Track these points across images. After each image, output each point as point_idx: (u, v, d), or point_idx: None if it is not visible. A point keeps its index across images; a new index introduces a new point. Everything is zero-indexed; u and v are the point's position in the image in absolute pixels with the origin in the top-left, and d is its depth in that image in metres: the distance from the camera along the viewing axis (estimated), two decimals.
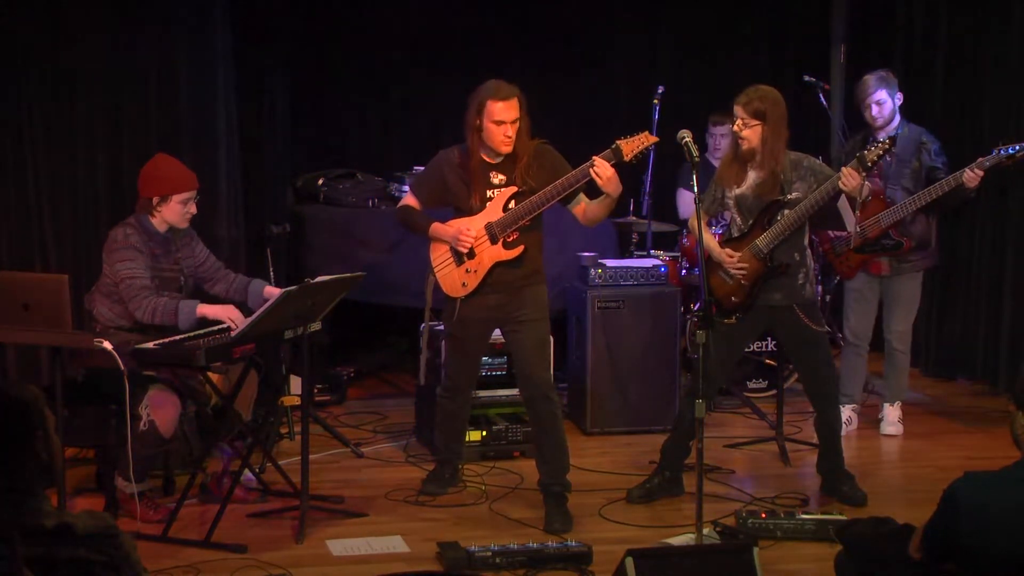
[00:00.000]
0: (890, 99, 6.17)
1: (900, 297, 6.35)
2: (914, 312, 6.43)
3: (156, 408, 5.00)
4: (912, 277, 6.34)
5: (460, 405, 5.50)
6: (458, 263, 5.14)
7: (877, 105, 6.16)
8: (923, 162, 6.14)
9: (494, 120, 4.97)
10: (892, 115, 6.19)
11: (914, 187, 6.11)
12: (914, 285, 6.37)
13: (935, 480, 5.30)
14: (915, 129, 6.21)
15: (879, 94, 6.15)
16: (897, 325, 6.38)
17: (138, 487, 5.05)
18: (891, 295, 6.37)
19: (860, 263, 6.32)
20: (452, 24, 8.26)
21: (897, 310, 6.37)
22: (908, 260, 6.26)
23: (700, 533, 4.54)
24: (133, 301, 5.11)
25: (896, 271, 6.29)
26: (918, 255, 6.28)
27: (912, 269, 6.31)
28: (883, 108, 6.17)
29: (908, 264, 6.28)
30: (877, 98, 6.16)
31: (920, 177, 6.14)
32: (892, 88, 6.18)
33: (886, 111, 6.17)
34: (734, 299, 5.35)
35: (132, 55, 6.49)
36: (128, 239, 5.21)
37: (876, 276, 6.34)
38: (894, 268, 6.28)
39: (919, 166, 6.14)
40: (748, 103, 5.18)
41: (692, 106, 7.73)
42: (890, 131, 6.13)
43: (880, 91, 6.15)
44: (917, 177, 6.14)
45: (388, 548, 4.86)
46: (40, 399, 2.87)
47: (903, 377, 6.51)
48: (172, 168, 5.34)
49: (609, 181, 4.87)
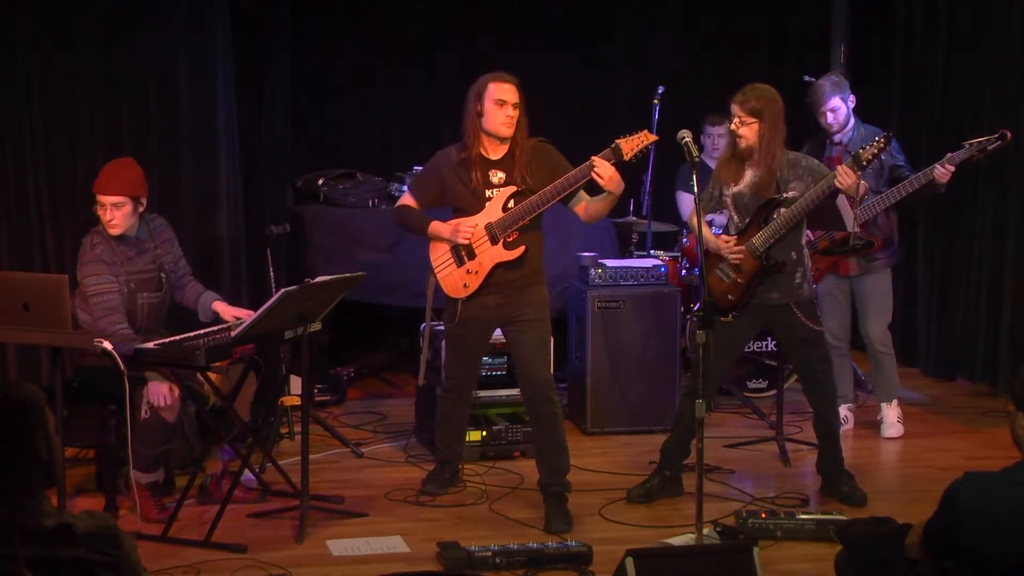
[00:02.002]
0: (844, 104, 6.24)
1: (872, 297, 6.35)
2: (888, 311, 6.43)
3: (156, 396, 5.01)
4: (882, 276, 6.36)
5: (460, 405, 5.50)
6: (459, 264, 5.14)
7: (832, 112, 6.23)
8: (883, 161, 6.14)
9: (496, 99, 4.97)
10: (847, 119, 6.26)
11: (876, 186, 6.13)
12: (884, 283, 6.38)
13: (935, 480, 5.31)
14: (871, 129, 6.23)
15: (833, 101, 6.22)
16: (873, 327, 6.38)
17: (150, 477, 5.08)
18: (862, 296, 6.37)
19: (829, 265, 6.34)
20: (452, 24, 8.27)
21: (871, 311, 6.37)
22: (875, 258, 6.29)
23: (700, 533, 4.54)
24: (100, 322, 5.14)
25: (865, 270, 6.30)
26: (884, 253, 6.32)
27: (880, 268, 6.33)
28: (838, 114, 6.23)
29: (876, 262, 6.30)
30: (832, 105, 6.22)
31: (882, 175, 6.17)
32: (845, 93, 6.25)
33: (840, 116, 6.24)
34: (730, 297, 5.35)
35: (132, 55, 6.49)
36: (94, 250, 5.23)
37: (845, 277, 6.36)
38: (863, 267, 6.30)
39: (880, 165, 6.15)
40: (745, 101, 5.18)
41: (692, 106, 7.73)
42: (846, 134, 6.23)
43: (834, 98, 6.22)
44: (879, 175, 6.17)
45: (388, 548, 4.86)
46: (40, 399, 2.86)
47: (892, 376, 6.49)
48: (105, 170, 5.31)
49: (611, 180, 4.87)
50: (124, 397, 4.88)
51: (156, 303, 5.37)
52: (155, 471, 5.17)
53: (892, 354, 6.48)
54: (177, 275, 5.48)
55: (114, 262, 5.23)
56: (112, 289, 5.18)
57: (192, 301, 5.48)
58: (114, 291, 5.18)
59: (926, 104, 7.77)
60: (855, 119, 6.28)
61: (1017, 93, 7.03)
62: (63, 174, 6.38)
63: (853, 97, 6.28)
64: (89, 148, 6.41)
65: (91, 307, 5.17)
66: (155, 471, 5.17)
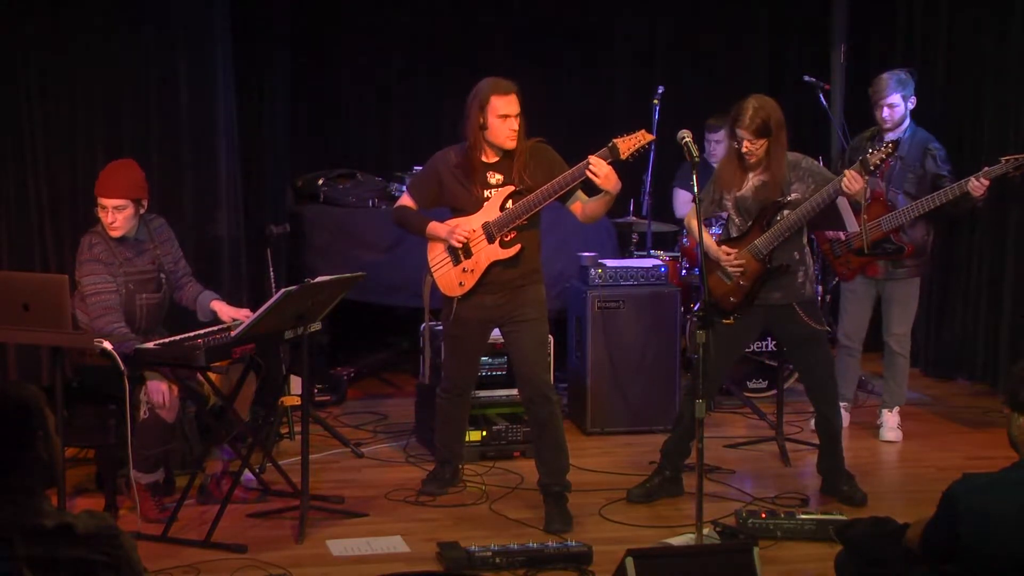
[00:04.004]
0: (903, 103, 6.16)
1: (898, 300, 6.33)
2: (912, 315, 6.41)
3: (155, 395, 5.01)
4: (909, 282, 6.32)
5: (460, 406, 5.50)
6: (455, 262, 5.14)
7: (889, 108, 6.15)
8: (928, 168, 6.12)
9: (499, 115, 4.97)
10: (903, 119, 6.18)
11: (917, 192, 6.10)
12: (912, 289, 6.35)
13: (935, 480, 5.32)
14: (923, 134, 6.20)
15: (893, 97, 6.14)
16: (896, 328, 6.37)
17: (150, 477, 5.08)
18: (888, 298, 6.35)
19: (860, 266, 6.31)
20: (451, 24, 8.27)
21: (895, 313, 6.35)
22: (904, 265, 6.25)
23: (700, 533, 4.54)
24: (96, 321, 5.14)
25: (891, 275, 6.28)
26: (915, 261, 6.27)
27: (908, 275, 6.29)
28: (894, 111, 6.16)
29: (904, 269, 6.26)
30: (890, 101, 6.14)
31: (924, 183, 6.13)
32: (907, 91, 6.17)
33: (897, 114, 6.17)
34: (732, 299, 5.34)
35: (132, 55, 6.49)
36: (92, 249, 5.24)
37: (872, 279, 6.33)
38: (889, 272, 6.27)
39: (924, 172, 6.13)
40: (751, 124, 5.12)
41: (692, 106, 7.72)
42: (899, 134, 6.13)
43: (895, 94, 6.14)
44: (921, 183, 6.13)
45: (388, 548, 4.86)
46: (40, 399, 2.86)
47: (903, 382, 6.47)
48: (105, 172, 5.32)
49: (607, 179, 4.86)
50: (124, 397, 4.88)
51: (155, 304, 5.37)
52: (155, 471, 5.17)
53: (907, 359, 6.45)
54: (177, 275, 5.48)
55: (112, 262, 5.23)
56: (109, 289, 5.18)
57: (191, 301, 5.48)
58: (111, 291, 5.18)
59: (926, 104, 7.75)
60: (911, 121, 6.21)
61: (1017, 93, 7.03)
62: (63, 174, 6.37)
63: (914, 99, 6.20)
64: (89, 148, 6.41)
65: (88, 307, 5.17)
66: (155, 471, 5.17)
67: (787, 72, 8.49)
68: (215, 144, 6.69)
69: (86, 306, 5.18)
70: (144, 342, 4.95)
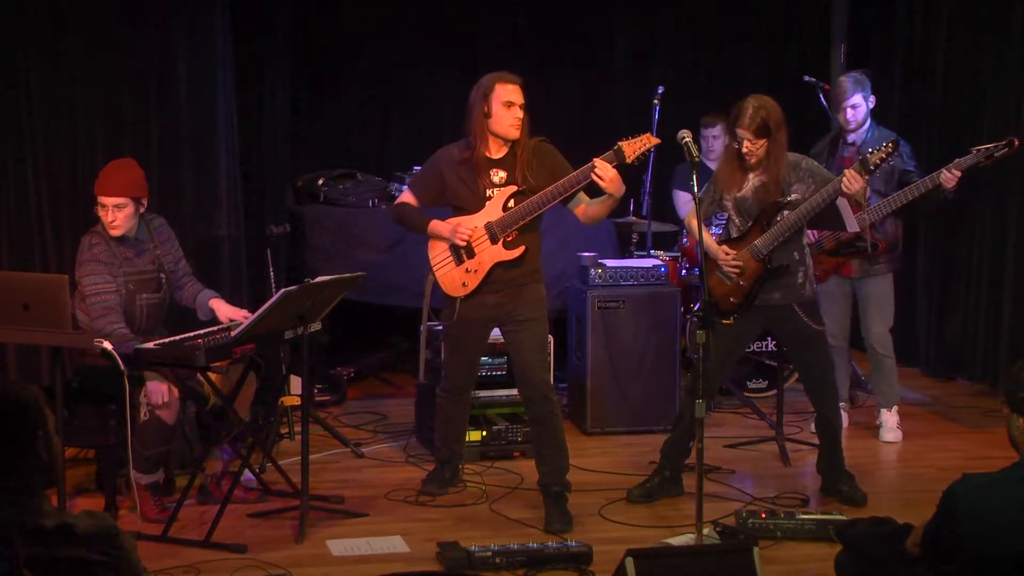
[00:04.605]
0: (864, 103, 6.21)
1: (873, 300, 6.33)
2: (890, 314, 6.40)
3: (154, 394, 5.01)
4: (884, 279, 6.33)
5: (460, 405, 5.50)
6: (458, 262, 5.14)
7: (852, 109, 6.20)
8: (894, 166, 6.13)
9: (504, 102, 4.96)
10: (865, 118, 6.24)
11: (885, 190, 6.11)
12: (886, 287, 6.35)
13: (934, 480, 5.32)
14: (885, 132, 6.22)
15: (855, 98, 6.19)
16: (874, 327, 6.35)
17: (150, 478, 5.08)
18: (863, 298, 6.35)
19: (834, 266, 6.32)
20: (452, 24, 8.27)
21: (872, 312, 6.34)
22: (879, 262, 6.26)
23: (700, 533, 4.54)
24: (96, 321, 5.14)
25: (866, 272, 6.28)
26: (888, 257, 6.29)
27: (882, 272, 6.30)
28: (857, 112, 6.21)
29: (878, 266, 6.28)
30: (852, 102, 6.19)
31: (892, 180, 6.15)
32: (867, 91, 6.22)
33: (859, 115, 6.21)
34: (732, 300, 5.34)
35: (132, 55, 6.49)
36: (92, 249, 5.24)
37: (847, 278, 6.33)
38: (864, 270, 6.28)
39: (891, 169, 6.13)
40: (751, 123, 5.12)
41: (692, 106, 7.73)
42: (861, 134, 6.21)
43: (856, 95, 6.19)
44: (889, 180, 6.15)
45: (388, 548, 4.86)
46: (40, 399, 2.86)
47: (893, 381, 6.45)
48: (105, 171, 5.32)
49: (612, 182, 4.86)
50: (124, 397, 4.88)
51: (155, 304, 5.37)
52: (155, 472, 5.18)
53: (893, 358, 6.45)
54: (177, 275, 5.48)
55: (112, 262, 5.23)
56: (109, 289, 5.18)
57: (191, 300, 5.48)
58: (111, 291, 5.18)
59: (926, 104, 7.77)
60: (871, 121, 6.25)
61: (1017, 93, 7.03)
62: (63, 174, 6.38)
63: (873, 98, 6.24)
64: (89, 148, 6.41)
65: (88, 307, 5.17)
66: (155, 472, 5.18)
67: (787, 72, 8.49)
68: (215, 144, 6.70)
69: (86, 306, 5.18)
70: (144, 342, 4.95)
